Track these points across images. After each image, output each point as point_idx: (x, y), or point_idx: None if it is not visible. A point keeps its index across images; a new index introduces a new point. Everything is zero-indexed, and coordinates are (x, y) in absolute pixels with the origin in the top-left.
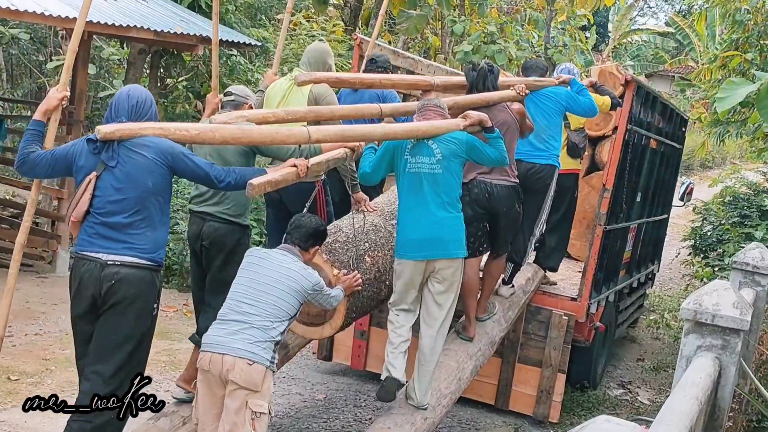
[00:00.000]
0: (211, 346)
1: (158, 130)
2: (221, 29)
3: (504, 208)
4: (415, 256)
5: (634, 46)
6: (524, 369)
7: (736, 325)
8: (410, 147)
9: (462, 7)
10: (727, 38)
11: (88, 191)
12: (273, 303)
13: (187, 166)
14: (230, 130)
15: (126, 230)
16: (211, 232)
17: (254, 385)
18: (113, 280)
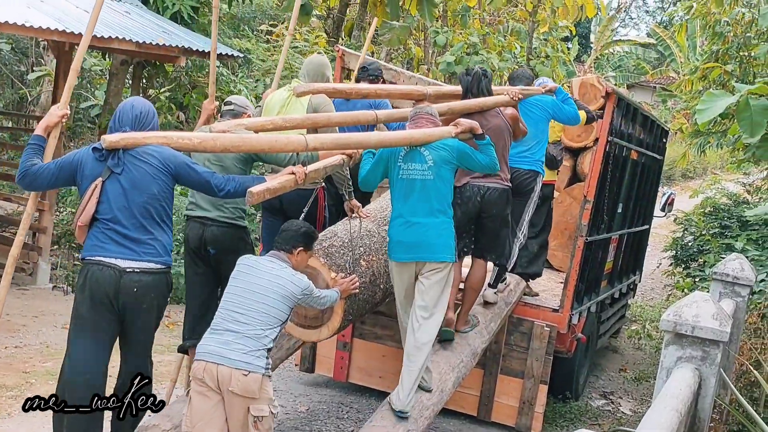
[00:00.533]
0: (206, 356)
1: (162, 138)
2: (203, 40)
3: (494, 210)
4: (403, 258)
5: (616, 57)
6: (506, 380)
7: (716, 336)
8: (403, 154)
9: (444, 18)
10: (708, 50)
11: (95, 196)
12: (263, 311)
13: (189, 175)
14: (230, 138)
15: (137, 236)
16: (214, 237)
17: (252, 393)
18: (135, 287)
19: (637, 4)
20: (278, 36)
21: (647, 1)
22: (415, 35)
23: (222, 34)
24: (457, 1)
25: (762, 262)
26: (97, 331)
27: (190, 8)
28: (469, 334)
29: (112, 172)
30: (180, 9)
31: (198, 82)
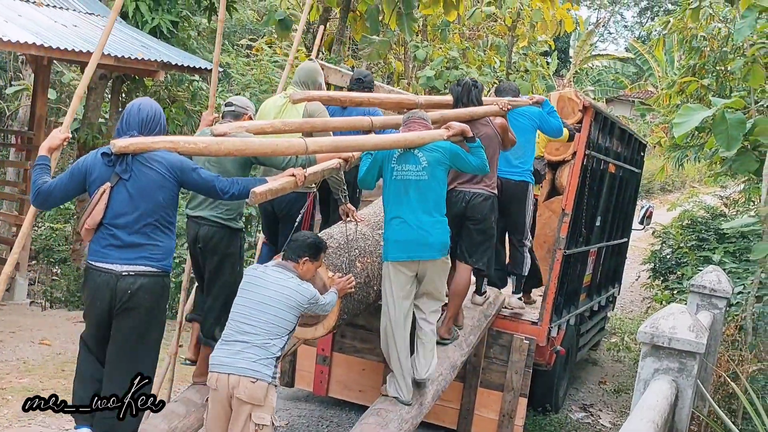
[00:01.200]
0: (218, 367)
1: (169, 143)
2: (182, 55)
3: (479, 216)
4: (402, 257)
5: (594, 72)
6: (486, 393)
7: (692, 348)
8: (397, 156)
9: (424, 32)
10: (685, 64)
11: (103, 201)
12: (271, 321)
13: (195, 180)
14: (234, 142)
15: (138, 242)
16: (205, 235)
17: (258, 400)
18: (130, 289)
19: (616, 20)
20: (258, 50)
21: (625, 16)
22: (395, 50)
23: (202, 48)
24: (436, 16)
25: (739, 275)
26: (98, 334)
27: (169, 23)
28: (449, 346)
29: (120, 178)
30: (159, 24)
31: (177, 96)
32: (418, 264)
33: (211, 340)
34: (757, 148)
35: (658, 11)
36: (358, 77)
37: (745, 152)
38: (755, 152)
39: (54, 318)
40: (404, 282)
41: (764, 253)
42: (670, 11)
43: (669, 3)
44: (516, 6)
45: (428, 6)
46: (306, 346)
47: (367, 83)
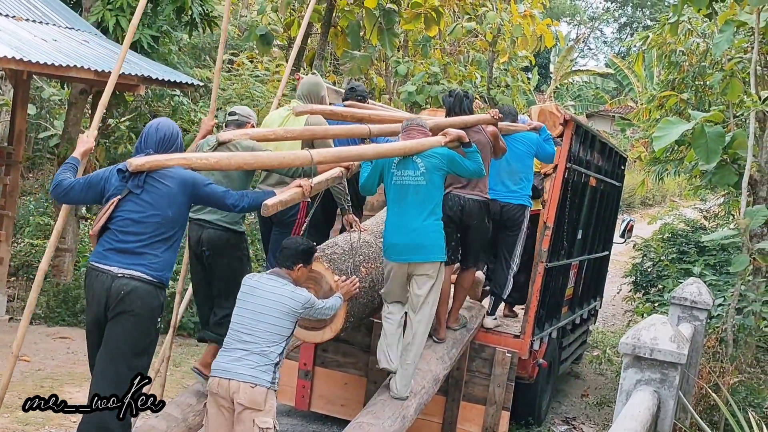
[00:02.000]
0: (219, 372)
1: (182, 160)
2: (163, 69)
3: (474, 221)
4: (398, 259)
5: (575, 87)
6: (468, 407)
7: (674, 358)
8: (396, 162)
9: (406, 48)
10: (664, 79)
11: (108, 211)
12: (268, 329)
13: (207, 194)
14: (243, 156)
15: (139, 250)
16: (209, 238)
17: (258, 405)
18: (122, 291)
19: (595, 35)
20: (239, 65)
21: (605, 32)
22: (376, 65)
23: (183, 63)
24: (417, 31)
25: (719, 287)
26: (91, 331)
27: (149, 37)
28: (431, 360)
29: (131, 192)
30: (140, 38)
31: (158, 111)
32: (413, 266)
33: (221, 336)
34: (736, 161)
35: (637, 27)
36: (351, 87)
37: (724, 165)
38: (734, 165)
39: (33, 334)
40: (398, 281)
41: (744, 266)
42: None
43: (648, 19)
44: (497, 22)
45: (409, 21)
46: (288, 361)
47: (360, 92)
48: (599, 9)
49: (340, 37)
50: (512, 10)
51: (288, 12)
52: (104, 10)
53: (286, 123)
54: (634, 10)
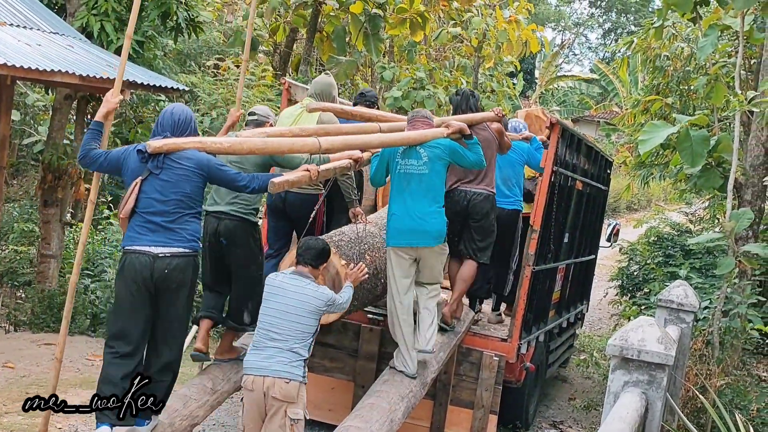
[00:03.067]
0: (253, 370)
1: (198, 144)
2: (148, 74)
3: (481, 214)
4: (401, 243)
5: (560, 92)
6: (456, 411)
7: (661, 360)
8: (401, 152)
9: (391, 53)
10: (649, 84)
11: (134, 193)
12: (295, 328)
13: (220, 175)
14: (254, 141)
15: (169, 227)
16: (226, 229)
17: (291, 398)
18: (166, 268)
19: (580, 41)
20: (225, 70)
21: (589, 38)
22: (362, 70)
23: (168, 69)
24: (403, 37)
25: (705, 290)
26: (133, 310)
27: (135, 43)
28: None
29: (151, 173)
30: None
31: (143, 116)
32: (416, 250)
33: (240, 324)
34: (721, 164)
35: (621, 32)
36: (361, 92)
37: (709, 169)
38: (719, 169)
39: (18, 341)
40: (404, 264)
41: (729, 269)
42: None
43: (632, 25)
44: (482, 27)
45: (395, 27)
46: None
47: (370, 98)
48: (584, 15)
49: (326, 42)
50: (497, 16)
51: (273, 17)
52: (89, 15)
53: (299, 119)
54: (619, 16)
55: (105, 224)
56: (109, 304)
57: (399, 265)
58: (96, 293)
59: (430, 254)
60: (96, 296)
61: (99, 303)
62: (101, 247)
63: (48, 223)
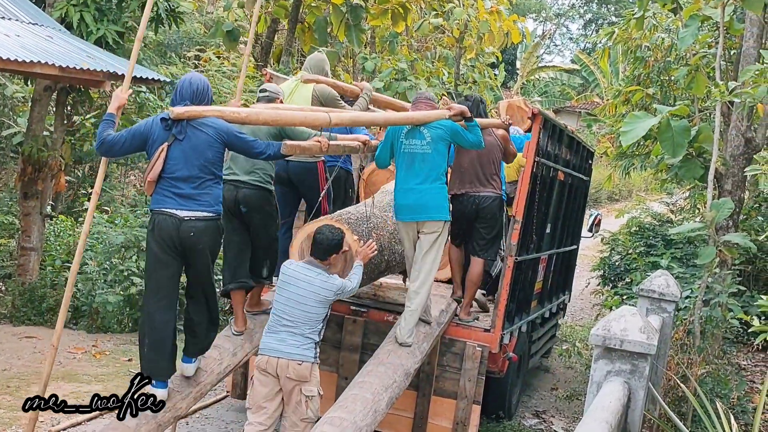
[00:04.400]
0: (268, 351)
1: (217, 112)
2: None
3: (489, 215)
4: (405, 218)
5: (541, 83)
6: (439, 401)
7: (644, 349)
8: (405, 132)
9: (373, 44)
10: (630, 74)
11: (161, 158)
12: (306, 316)
13: (238, 142)
14: (269, 113)
15: (193, 192)
16: (245, 197)
17: (305, 378)
18: (192, 232)
19: (561, 32)
20: (206, 61)
21: (570, 28)
22: (343, 61)
23: (148, 61)
24: (385, 28)
25: (686, 279)
26: (165, 265)
27: (115, 33)
28: (402, 354)
29: (176, 139)
30: (105, 34)
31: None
32: (419, 224)
33: (260, 278)
34: (701, 154)
35: (602, 23)
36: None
37: (690, 159)
38: (700, 159)
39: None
40: (410, 238)
41: (710, 258)
42: (614, 23)
43: (613, 15)
44: (463, 18)
45: (376, 18)
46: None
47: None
48: (565, 5)
49: (307, 33)
50: (479, 7)
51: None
52: (68, 5)
53: (296, 90)
54: (600, 7)
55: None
56: (91, 297)
57: (406, 235)
58: (77, 286)
59: (429, 228)
60: (77, 289)
61: (80, 296)
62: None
63: (28, 216)
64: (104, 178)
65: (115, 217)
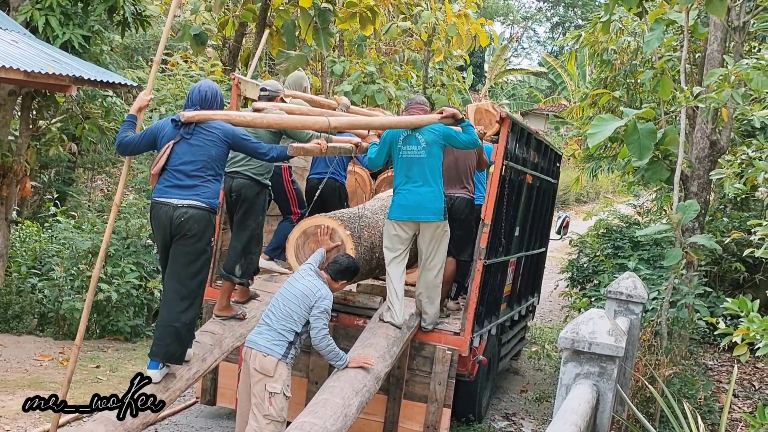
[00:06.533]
0: (248, 342)
1: (224, 116)
2: (95, 69)
3: (462, 215)
4: (403, 218)
5: (509, 86)
6: (410, 405)
7: (612, 352)
8: (402, 138)
9: (341, 47)
10: (597, 77)
11: (166, 153)
12: (286, 312)
13: (243, 144)
14: (274, 117)
15: (193, 183)
16: (237, 186)
17: (267, 372)
18: (183, 217)
19: (529, 35)
20: (173, 65)
21: (538, 31)
22: (312, 64)
23: (115, 64)
24: (353, 31)
25: (654, 281)
26: (163, 253)
27: (80, 38)
28: (373, 358)
29: (183, 137)
30: (70, 38)
31: (91, 112)
32: (417, 224)
33: (232, 275)
34: (667, 157)
35: (569, 26)
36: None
37: (656, 162)
38: (666, 161)
39: None
40: (400, 237)
41: (677, 260)
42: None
43: (580, 19)
44: (431, 21)
45: (344, 21)
46: (226, 363)
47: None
48: (532, 9)
49: (276, 36)
50: (447, 10)
51: (222, 11)
52: (33, 9)
53: None
54: (566, 10)
55: (52, 222)
56: (57, 304)
57: (395, 237)
58: (44, 292)
59: (428, 228)
60: (44, 295)
61: (47, 302)
62: (48, 245)
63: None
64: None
65: (82, 223)
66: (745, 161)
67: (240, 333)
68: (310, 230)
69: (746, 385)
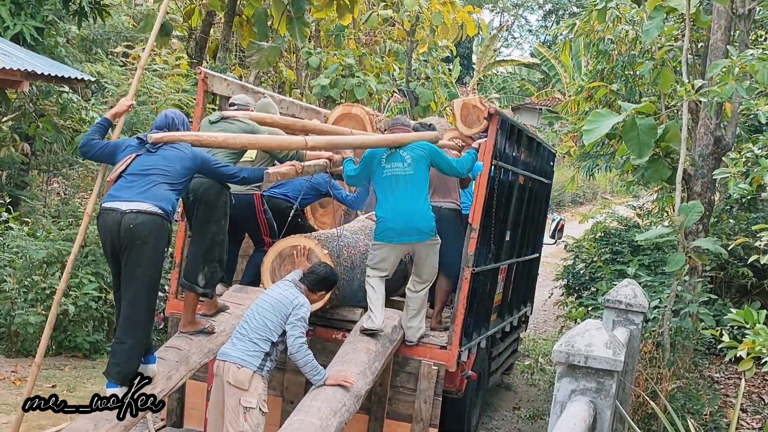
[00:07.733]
0: (220, 355)
1: (194, 137)
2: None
3: (449, 227)
4: (394, 240)
5: (499, 78)
6: (393, 425)
7: (610, 366)
8: (385, 156)
9: (317, 38)
10: (593, 69)
11: (125, 163)
12: (262, 323)
13: (210, 169)
14: (247, 137)
15: (144, 187)
16: (194, 186)
17: (242, 384)
18: (132, 223)
19: (519, 23)
20: (134, 58)
21: (529, 20)
22: (286, 57)
23: (71, 57)
24: (330, 21)
25: (655, 288)
26: (111, 264)
27: (33, 29)
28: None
29: (148, 151)
30: (22, 30)
31: (45, 109)
32: (410, 245)
33: (194, 285)
34: (669, 154)
35: (563, 14)
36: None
37: (657, 159)
38: (667, 159)
39: None
40: (392, 259)
41: (679, 265)
42: (575, 14)
43: (574, 6)
44: (415, 9)
45: (320, 9)
46: (194, 382)
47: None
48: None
49: (246, 26)
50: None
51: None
52: None
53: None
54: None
55: (3, 229)
56: (9, 318)
57: (379, 260)
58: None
59: (423, 247)
60: None
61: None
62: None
63: None
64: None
65: (37, 229)
66: (750, 159)
67: (208, 348)
68: (286, 251)
69: (755, 399)
